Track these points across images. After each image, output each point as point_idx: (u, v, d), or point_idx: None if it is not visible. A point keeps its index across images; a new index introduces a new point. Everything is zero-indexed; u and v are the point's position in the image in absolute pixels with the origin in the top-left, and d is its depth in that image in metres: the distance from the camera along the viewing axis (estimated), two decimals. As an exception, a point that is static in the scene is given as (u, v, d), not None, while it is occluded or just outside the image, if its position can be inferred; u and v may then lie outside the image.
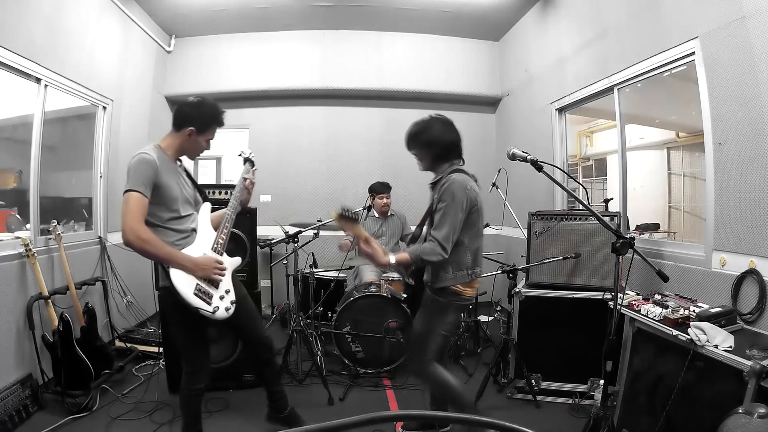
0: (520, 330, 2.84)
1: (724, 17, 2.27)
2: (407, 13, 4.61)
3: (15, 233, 2.87)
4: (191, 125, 1.99)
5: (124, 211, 1.82)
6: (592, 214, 1.80)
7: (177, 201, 1.97)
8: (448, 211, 1.94)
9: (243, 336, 2.32)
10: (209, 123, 2.04)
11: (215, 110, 2.07)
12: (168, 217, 1.94)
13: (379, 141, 5.23)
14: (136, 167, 1.86)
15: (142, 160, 1.87)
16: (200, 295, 1.88)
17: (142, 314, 4.06)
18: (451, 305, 2.08)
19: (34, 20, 2.87)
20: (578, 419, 2.54)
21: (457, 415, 0.61)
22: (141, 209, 1.84)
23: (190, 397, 2.07)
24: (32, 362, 2.73)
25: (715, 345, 1.74)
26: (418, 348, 2.11)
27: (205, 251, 1.98)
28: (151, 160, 1.88)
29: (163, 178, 1.90)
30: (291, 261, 3.41)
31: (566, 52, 3.85)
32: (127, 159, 1.92)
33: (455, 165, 2.10)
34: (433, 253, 1.92)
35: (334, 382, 3.04)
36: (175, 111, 2.05)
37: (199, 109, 2.03)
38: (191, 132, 2.00)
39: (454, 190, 1.95)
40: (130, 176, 1.85)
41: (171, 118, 2.03)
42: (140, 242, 1.82)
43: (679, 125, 4.34)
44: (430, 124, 2.11)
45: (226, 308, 1.97)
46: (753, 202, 2.16)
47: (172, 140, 2.03)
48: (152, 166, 1.87)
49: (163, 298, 2.02)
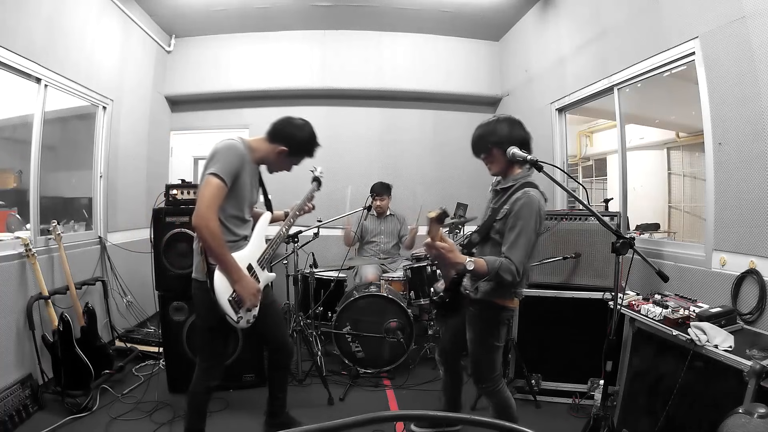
0: (520, 330, 2.84)
1: (724, 17, 2.27)
2: (407, 13, 4.61)
3: (15, 233, 2.87)
4: (286, 145, 2.00)
5: (201, 194, 1.79)
6: (592, 214, 1.80)
7: (246, 202, 1.97)
8: (526, 232, 1.79)
9: (267, 340, 2.31)
10: (303, 151, 2.06)
11: (312, 142, 2.08)
12: (232, 214, 1.93)
13: (379, 141, 5.22)
14: (226, 153, 1.82)
15: (234, 148, 1.84)
16: (233, 303, 1.89)
17: (142, 314, 4.06)
18: (501, 318, 1.97)
19: (34, 20, 2.87)
20: (578, 419, 2.54)
21: (457, 415, 0.61)
22: (219, 198, 1.80)
23: (200, 393, 2.07)
24: (32, 362, 2.73)
25: (715, 345, 1.74)
26: (484, 366, 2.00)
27: (251, 261, 2.00)
28: (242, 152, 1.86)
29: (244, 174, 1.89)
30: (291, 261, 3.41)
31: (566, 52, 3.85)
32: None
33: (529, 174, 1.92)
34: (509, 273, 1.77)
35: (334, 382, 3.04)
36: (277, 122, 2.04)
37: (301, 133, 2.04)
38: (282, 151, 2.01)
39: (534, 210, 1.80)
40: (217, 159, 1.80)
41: (269, 126, 2.04)
42: (207, 231, 1.77)
43: (679, 125, 4.34)
44: (499, 122, 1.94)
45: (248, 321, 1.99)
46: (753, 202, 2.16)
47: (261, 146, 2.02)
48: (241, 158, 1.85)
49: (195, 291, 2.00)
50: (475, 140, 1.99)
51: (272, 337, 2.25)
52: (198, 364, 2.07)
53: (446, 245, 1.72)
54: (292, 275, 3.34)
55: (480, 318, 1.98)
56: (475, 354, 2.03)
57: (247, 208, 2.01)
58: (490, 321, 1.97)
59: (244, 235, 2.02)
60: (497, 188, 2.00)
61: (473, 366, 2.04)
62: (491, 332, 1.97)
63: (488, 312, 1.95)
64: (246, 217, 2.01)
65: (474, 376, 2.07)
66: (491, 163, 1.97)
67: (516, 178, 1.92)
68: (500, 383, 2.05)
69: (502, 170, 1.97)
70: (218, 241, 1.81)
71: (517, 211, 1.81)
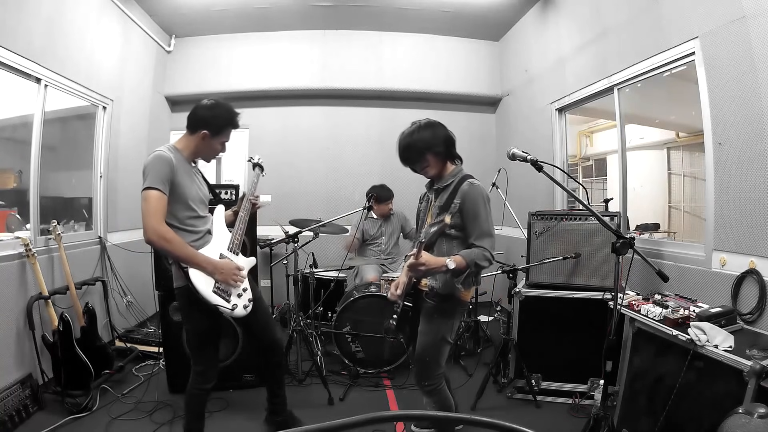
0: (520, 330, 2.84)
1: (724, 17, 2.27)
2: (407, 13, 4.61)
3: (15, 233, 2.87)
4: (205, 128, 1.99)
5: (144, 210, 1.81)
6: (592, 214, 1.80)
7: (193, 200, 1.98)
8: (486, 217, 1.88)
9: (255, 336, 2.31)
10: (223, 126, 2.04)
11: (229, 113, 2.06)
12: (186, 216, 1.95)
13: (379, 141, 5.23)
14: (153, 165, 1.85)
15: (159, 158, 1.86)
16: (219, 293, 1.90)
17: (142, 314, 4.06)
18: (457, 311, 2.01)
19: (34, 20, 2.87)
20: (578, 419, 2.54)
21: (457, 415, 0.61)
22: (161, 207, 1.83)
23: (196, 395, 2.08)
24: (32, 362, 2.73)
25: (715, 345, 1.74)
26: (432, 362, 1.98)
27: (222, 251, 2.00)
28: (168, 157, 1.88)
29: (180, 177, 1.91)
30: (291, 261, 3.41)
31: (566, 52, 3.85)
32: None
33: (462, 167, 2.05)
34: (485, 259, 1.84)
35: (334, 382, 3.04)
36: (189, 113, 2.03)
37: (213, 111, 2.02)
38: (205, 135, 2.00)
39: (484, 196, 1.90)
40: (148, 174, 1.83)
41: (186, 120, 2.03)
42: (163, 241, 1.81)
43: (679, 125, 4.34)
44: (423, 129, 2.01)
45: (244, 306, 1.99)
46: (753, 202, 2.16)
47: (187, 142, 2.03)
48: (169, 163, 1.87)
49: (179, 298, 2.02)
50: (405, 152, 2.01)
51: (261, 332, 2.26)
52: (192, 367, 2.08)
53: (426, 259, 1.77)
54: (292, 275, 3.34)
55: (437, 310, 1.97)
56: (425, 348, 1.99)
57: (199, 204, 2.02)
58: (446, 313, 1.97)
59: (206, 229, 2.03)
60: (436, 188, 2.05)
61: (420, 362, 2.00)
62: (447, 325, 1.98)
63: (446, 305, 1.96)
64: (201, 213, 2.02)
65: (419, 373, 2.04)
66: (428, 167, 2.02)
67: (454, 174, 2.01)
68: (442, 382, 2.03)
69: (439, 171, 2.03)
70: (176, 245, 1.84)
71: (471, 201, 1.88)
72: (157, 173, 1.83)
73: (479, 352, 3.58)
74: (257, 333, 2.26)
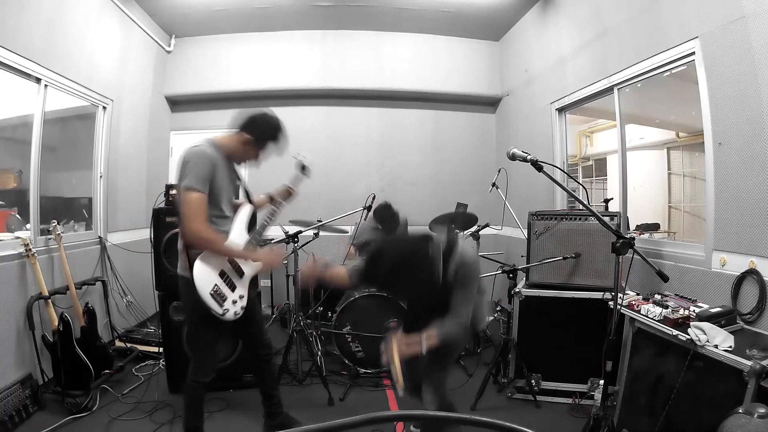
0: (520, 330, 2.84)
1: (724, 17, 2.27)
2: (407, 13, 4.61)
3: (15, 233, 2.87)
4: (249, 133, 2.01)
5: (186, 213, 1.83)
6: (592, 214, 1.80)
7: (225, 201, 2.01)
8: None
9: (245, 336, 2.33)
10: (268, 140, 2.06)
11: (278, 132, 2.08)
12: (213, 214, 1.96)
13: (379, 141, 5.23)
14: (195, 162, 1.85)
15: (202, 155, 1.87)
16: (215, 296, 1.91)
17: (142, 314, 4.06)
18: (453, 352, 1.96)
19: (34, 20, 2.87)
20: (578, 419, 2.54)
21: (456, 415, 0.61)
22: (203, 209, 1.86)
23: (194, 388, 2.09)
24: (32, 362, 2.73)
25: (715, 345, 1.74)
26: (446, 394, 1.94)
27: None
28: (211, 156, 1.89)
29: (219, 177, 1.93)
30: (291, 261, 3.41)
31: (566, 52, 3.85)
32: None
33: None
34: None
35: (334, 382, 3.04)
36: (246, 115, 2.05)
37: (266, 124, 2.05)
38: (249, 140, 2.01)
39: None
40: (190, 171, 1.84)
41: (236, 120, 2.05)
42: (205, 243, 1.87)
43: (679, 125, 4.34)
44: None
45: (236, 312, 2.00)
46: (753, 202, 2.16)
47: (228, 140, 2.04)
48: (212, 162, 1.88)
49: (181, 287, 2.03)
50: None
51: (256, 332, 2.28)
52: (191, 359, 2.10)
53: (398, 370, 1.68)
54: (292, 275, 3.34)
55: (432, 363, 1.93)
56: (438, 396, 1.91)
57: (227, 204, 2.04)
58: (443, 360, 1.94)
59: (225, 230, 2.05)
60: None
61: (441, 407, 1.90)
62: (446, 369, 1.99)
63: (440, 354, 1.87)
64: (226, 213, 2.04)
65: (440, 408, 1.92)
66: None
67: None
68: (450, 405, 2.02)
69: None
70: (218, 243, 1.90)
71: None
72: (198, 172, 1.84)
73: (479, 352, 3.57)
74: (253, 332, 2.27)
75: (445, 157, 5.24)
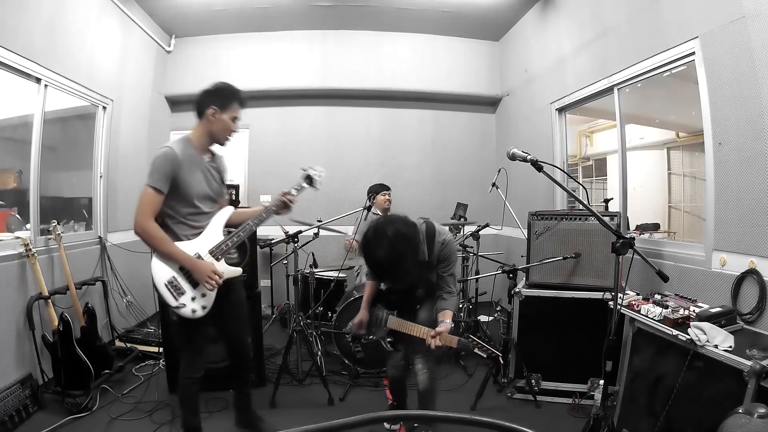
0: (520, 330, 2.84)
1: (724, 17, 2.27)
2: (407, 13, 4.61)
3: (15, 233, 2.87)
4: (212, 104, 2.02)
5: (137, 204, 1.92)
6: (592, 214, 1.80)
7: (197, 197, 2.00)
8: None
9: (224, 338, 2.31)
10: (229, 98, 2.07)
11: (232, 87, 2.11)
12: (187, 212, 1.99)
13: (379, 141, 5.23)
14: (155, 162, 1.92)
15: (164, 155, 1.92)
16: (170, 287, 1.93)
17: (142, 314, 4.06)
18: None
19: (34, 20, 2.87)
20: (578, 419, 2.54)
21: (457, 415, 0.61)
22: (152, 205, 1.92)
23: (186, 386, 2.11)
24: (32, 362, 2.72)
25: (715, 345, 1.74)
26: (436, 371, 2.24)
27: (200, 252, 2.00)
28: (172, 155, 1.92)
29: (183, 174, 1.94)
30: (291, 261, 3.41)
31: (566, 52, 3.85)
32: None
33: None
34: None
35: (334, 382, 3.04)
36: (196, 99, 2.07)
37: (216, 88, 2.07)
38: (214, 111, 2.02)
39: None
40: (152, 170, 1.91)
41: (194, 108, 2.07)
42: (145, 235, 1.92)
43: (679, 125, 4.34)
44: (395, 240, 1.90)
45: (193, 310, 1.96)
46: (753, 202, 2.16)
47: (199, 129, 2.06)
48: (172, 161, 1.91)
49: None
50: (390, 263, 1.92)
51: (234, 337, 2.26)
52: (182, 357, 2.14)
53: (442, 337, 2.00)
54: (292, 275, 3.34)
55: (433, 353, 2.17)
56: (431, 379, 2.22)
57: (203, 200, 2.03)
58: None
59: (200, 226, 2.05)
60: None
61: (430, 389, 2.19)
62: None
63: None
64: (205, 209, 2.04)
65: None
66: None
67: None
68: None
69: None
70: (157, 240, 1.92)
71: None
72: (157, 171, 1.90)
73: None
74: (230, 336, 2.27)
75: (445, 157, 5.25)
